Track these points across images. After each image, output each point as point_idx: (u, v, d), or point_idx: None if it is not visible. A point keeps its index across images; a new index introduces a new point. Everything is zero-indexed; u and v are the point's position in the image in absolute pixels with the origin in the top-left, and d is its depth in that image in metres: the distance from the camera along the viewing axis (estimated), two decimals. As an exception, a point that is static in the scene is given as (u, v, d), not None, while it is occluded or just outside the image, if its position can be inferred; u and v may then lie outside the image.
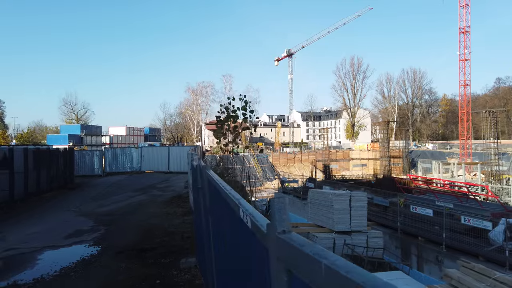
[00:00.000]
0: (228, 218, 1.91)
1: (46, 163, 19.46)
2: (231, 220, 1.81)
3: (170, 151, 31.36)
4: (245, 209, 1.46)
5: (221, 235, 2.47)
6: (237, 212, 1.57)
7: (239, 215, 1.53)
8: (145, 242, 10.03)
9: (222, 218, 2.30)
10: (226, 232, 2.10)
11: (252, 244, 1.39)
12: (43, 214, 14.21)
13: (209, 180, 3.11)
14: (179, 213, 14.10)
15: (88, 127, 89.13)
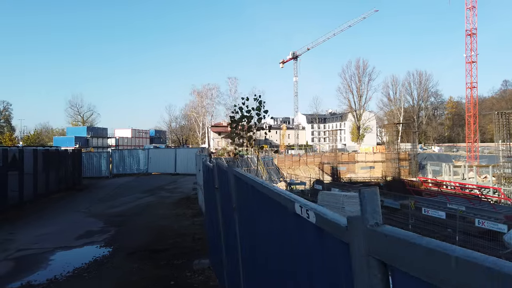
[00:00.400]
0: (272, 215, 1.82)
1: (55, 164, 19.50)
2: (278, 217, 1.72)
3: (177, 153, 31.37)
4: (303, 204, 1.38)
5: (256, 235, 2.37)
6: (290, 208, 1.49)
7: (294, 210, 1.45)
8: (157, 243, 9.96)
9: (260, 215, 2.21)
10: (267, 231, 2.01)
11: (316, 240, 1.30)
12: (53, 215, 14.21)
13: (238, 178, 3.02)
14: (188, 214, 14.04)
15: (94, 129, 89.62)
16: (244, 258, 3.00)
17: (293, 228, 1.51)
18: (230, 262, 4.37)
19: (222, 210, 5.25)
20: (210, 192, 6.87)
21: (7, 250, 9.28)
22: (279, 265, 1.79)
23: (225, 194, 4.42)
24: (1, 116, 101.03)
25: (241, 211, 3.08)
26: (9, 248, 9.50)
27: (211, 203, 6.97)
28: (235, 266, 3.75)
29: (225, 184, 4.23)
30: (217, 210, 5.70)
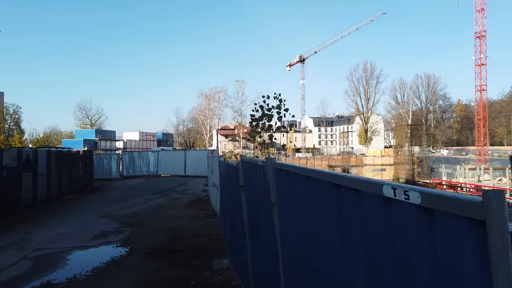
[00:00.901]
0: (340, 204, 1.72)
1: (67, 165, 19.57)
2: (351, 205, 1.63)
3: (186, 155, 31.38)
4: (397, 186, 1.29)
5: (310, 229, 2.27)
6: (374, 192, 1.39)
7: (381, 194, 1.36)
8: (173, 243, 9.90)
9: (316, 207, 2.11)
10: (330, 223, 1.90)
11: (422, 223, 1.21)
12: (66, 216, 14.23)
13: (281, 170, 2.93)
14: (201, 215, 13.97)
15: (103, 132, 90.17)
16: (289, 257, 2.89)
17: (381, 213, 1.41)
18: (261, 261, 4.27)
19: (249, 208, 5.16)
20: (232, 191, 6.79)
21: (25, 250, 9.27)
22: (352, 257, 1.69)
23: (256, 191, 4.33)
24: (11, 119, 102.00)
25: (283, 206, 2.98)
26: (26, 247, 9.49)
27: (233, 202, 6.89)
28: (270, 266, 3.64)
29: (257, 180, 4.15)
30: (242, 209, 5.62)
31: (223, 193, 9.54)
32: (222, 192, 9.86)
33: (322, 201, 2.02)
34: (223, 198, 9.73)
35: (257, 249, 4.56)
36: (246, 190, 5.25)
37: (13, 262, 8.31)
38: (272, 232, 3.34)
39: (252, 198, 4.70)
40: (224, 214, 9.54)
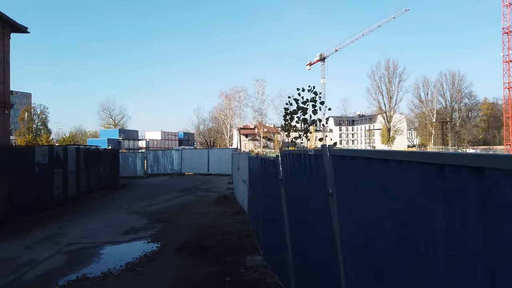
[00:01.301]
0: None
1: (95, 163, 19.92)
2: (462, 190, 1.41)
3: (210, 154, 31.50)
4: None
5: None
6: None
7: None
8: (203, 240, 9.83)
9: (404, 197, 1.90)
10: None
11: None
12: (96, 212, 14.43)
13: (345, 157, 2.74)
14: (228, 212, 13.89)
15: (126, 132, 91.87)
16: (357, 254, 2.68)
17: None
18: (310, 257, 4.08)
19: (290, 202, 4.99)
20: (268, 186, 6.63)
21: (59, 244, 9.40)
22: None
23: (302, 183, 4.14)
24: (38, 119, 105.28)
25: (345, 197, 2.78)
26: (60, 242, 9.62)
27: (268, 197, 6.72)
28: (323, 263, 3.45)
29: (304, 171, 3.96)
30: (281, 204, 5.44)
31: (254, 189, 9.41)
32: (252, 188, 9.73)
33: (407, 188, 1.82)
34: (253, 194, 9.60)
35: (302, 245, 4.37)
36: (287, 183, 5.07)
37: (48, 256, 8.42)
38: (328, 225, 3.15)
39: (296, 191, 4.52)
40: (254, 211, 9.41)
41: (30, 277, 7.16)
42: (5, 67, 22.77)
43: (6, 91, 22.87)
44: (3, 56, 22.49)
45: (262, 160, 7.07)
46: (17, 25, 23.06)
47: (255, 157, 8.35)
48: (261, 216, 7.64)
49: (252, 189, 9.77)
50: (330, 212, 3.04)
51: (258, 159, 7.56)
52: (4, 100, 22.54)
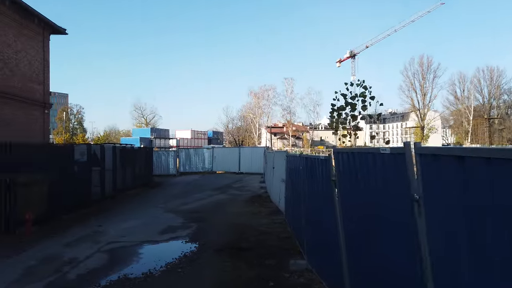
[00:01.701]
0: None
1: (130, 161, 20.16)
2: None
3: (241, 152, 31.36)
4: None
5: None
6: None
7: None
8: (241, 241, 9.57)
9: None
10: None
11: None
12: (133, 210, 14.52)
13: (459, 158, 2.32)
14: (264, 212, 13.58)
15: (157, 131, 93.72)
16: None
17: None
18: (371, 270, 3.66)
19: (346, 205, 4.58)
20: (315, 187, 6.23)
21: (99, 243, 9.41)
22: None
23: (367, 185, 3.73)
24: (75, 119, 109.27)
25: (442, 204, 2.35)
26: (100, 240, 9.64)
27: (315, 199, 6.33)
28: (400, 276, 3.04)
29: (370, 172, 3.55)
30: (333, 206, 5.04)
31: (294, 189, 9.03)
32: (292, 188, 9.36)
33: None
34: (293, 194, 9.22)
35: (365, 253, 3.96)
36: (342, 184, 4.67)
37: (89, 255, 8.41)
38: (409, 233, 2.74)
39: (356, 193, 4.11)
40: (294, 212, 9.03)
41: (72, 276, 7.13)
42: (45, 68, 23.52)
43: (46, 92, 23.62)
44: (43, 57, 23.24)
45: (308, 160, 6.69)
46: (56, 27, 23.76)
47: (298, 156, 7.97)
48: (305, 217, 7.26)
49: (292, 189, 9.40)
50: (416, 220, 2.63)
51: (302, 158, 7.18)
52: (44, 100, 23.29)
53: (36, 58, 22.52)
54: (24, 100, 21.05)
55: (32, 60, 22.08)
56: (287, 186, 11.00)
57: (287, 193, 11.08)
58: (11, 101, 20.06)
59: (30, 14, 21.07)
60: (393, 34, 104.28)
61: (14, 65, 20.37)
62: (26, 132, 21.45)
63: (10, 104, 20.04)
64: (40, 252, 8.56)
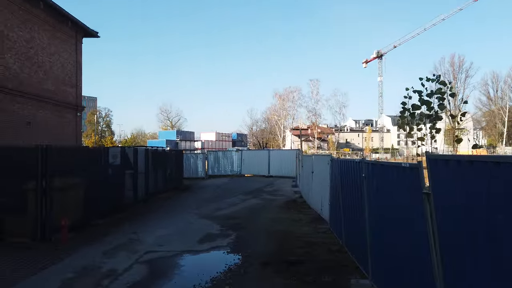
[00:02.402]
0: None
1: (161, 164, 19.82)
2: None
3: (270, 155, 30.64)
4: None
5: None
6: None
7: None
8: (287, 252, 8.83)
9: None
10: None
11: None
12: (167, 215, 14.05)
13: None
14: (304, 220, 12.79)
15: (183, 133, 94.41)
16: None
17: None
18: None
19: (452, 227, 3.74)
20: (389, 200, 5.41)
21: (137, 252, 8.89)
22: None
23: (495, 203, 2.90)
24: (103, 122, 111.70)
25: None
26: (138, 249, 9.13)
27: (388, 212, 5.50)
28: None
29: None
30: (424, 226, 4.20)
31: (345, 198, 8.21)
32: (341, 197, 8.53)
33: None
34: (345, 203, 8.40)
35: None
36: (443, 199, 3.83)
37: (127, 266, 7.88)
38: None
39: (470, 212, 3.28)
40: (348, 223, 8.20)
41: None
42: (77, 71, 23.63)
43: (78, 95, 23.72)
44: (75, 60, 23.34)
45: (377, 167, 5.87)
46: (89, 30, 23.84)
47: (356, 161, 7.14)
48: (370, 232, 6.41)
49: (343, 198, 8.57)
50: None
51: (366, 164, 6.36)
52: (76, 103, 23.38)
53: (69, 61, 22.63)
54: (57, 103, 21.14)
55: (65, 63, 22.19)
56: (334, 193, 10.19)
57: (333, 201, 10.26)
58: (45, 104, 20.15)
59: (63, 17, 21.17)
60: (422, 33, 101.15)
61: (48, 68, 20.47)
62: (59, 135, 21.54)
63: (44, 107, 20.13)
64: (76, 262, 8.11)
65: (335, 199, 9.90)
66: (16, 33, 17.80)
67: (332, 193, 10.45)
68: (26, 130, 18.51)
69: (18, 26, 17.94)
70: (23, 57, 18.30)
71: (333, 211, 10.43)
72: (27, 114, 18.69)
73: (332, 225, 10.67)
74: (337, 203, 9.49)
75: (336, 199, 9.77)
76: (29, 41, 18.78)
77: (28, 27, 18.77)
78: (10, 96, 17.22)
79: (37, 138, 19.40)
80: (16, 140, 17.80)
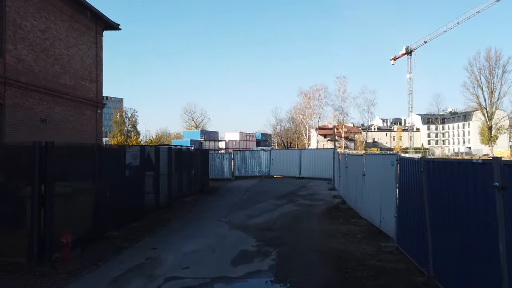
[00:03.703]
0: None
1: (186, 165, 17.94)
2: None
3: (302, 155, 28.29)
4: None
5: None
6: None
7: None
8: (353, 285, 6.60)
9: None
10: None
11: None
12: (193, 225, 12.05)
13: None
14: (358, 233, 10.48)
15: (207, 133, 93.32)
16: None
17: None
18: None
19: None
20: None
21: (154, 279, 6.87)
22: None
23: None
24: (129, 122, 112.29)
25: None
26: (155, 274, 7.12)
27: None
28: None
29: None
30: None
31: (436, 213, 5.86)
32: (427, 210, 6.18)
33: None
34: (431, 219, 6.07)
35: None
36: None
37: (142, 301, 5.88)
38: None
39: None
40: (447, 248, 5.83)
41: None
42: (97, 65, 22.12)
43: (98, 90, 22.21)
44: (95, 54, 21.85)
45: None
46: (109, 22, 22.31)
47: (471, 163, 4.83)
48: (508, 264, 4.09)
49: (432, 212, 6.22)
50: None
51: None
52: (97, 99, 21.88)
53: (88, 55, 21.14)
54: (76, 99, 19.65)
55: (84, 56, 20.70)
56: (407, 204, 7.86)
57: (406, 214, 7.92)
58: (62, 100, 18.66)
59: (82, 7, 19.64)
60: (455, 27, 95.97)
61: (66, 61, 18.98)
62: (78, 133, 20.05)
63: (61, 103, 18.64)
64: (77, 293, 6.19)
65: (411, 212, 7.56)
66: (30, 22, 16.32)
67: (404, 204, 8.12)
68: (42, 127, 17.03)
69: (32, 15, 16.46)
70: (38, 49, 16.81)
71: (404, 226, 8.09)
72: (43, 111, 17.21)
73: (402, 243, 8.33)
74: (416, 217, 7.16)
75: (413, 212, 7.44)
76: (45, 32, 17.29)
77: (44, 16, 17.29)
78: (23, 91, 15.73)
79: (54, 136, 17.87)
80: (30, 138, 16.39)
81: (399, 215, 8.43)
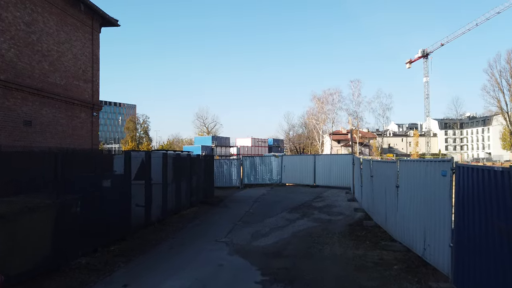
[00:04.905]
0: None
1: (185, 172, 15.81)
2: None
3: (316, 161, 25.89)
4: None
5: None
6: None
7: None
8: None
9: None
10: None
11: None
12: (185, 248, 9.85)
13: None
14: (393, 263, 8.13)
15: (218, 139, 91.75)
16: None
17: None
18: None
19: None
20: None
21: None
22: None
23: None
24: (141, 128, 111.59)
25: None
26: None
27: None
28: None
29: None
30: None
31: None
32: None
33: None
34: None
35: None
36: None
37: None
38: None
39: None
40: None
41: None
42: (94, 64, 20.30)
43: (94, 91, 20.36)
44: (91, 51, 20.04)
45: None
46: (107, 17, 20.50)
47: None
48: None
49: None
50: None
51: None
52: (92, 101, 20.03)
53: (83, 52, 19.30)
54: (67, 100, 17.77)
55: (78, 54, 18.87)
56: (479, 231, 5.53)
57: (465, 245, 5.60)
58: (52, 101, 16.78)
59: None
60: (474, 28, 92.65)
61: (56, 58, 17.14)
62: (70, 137, 18.16)
63: (50, 104, 16.76)
64: None
65: (485, 243, 5.24)
66: (12, 13, 14.52)
67: (468, 230, 5.78)
68: (25, 130, 15.18)
69: (15, 5, 14.68)
70: (22, 43, 14.99)
71: (470, 262, 5.75)
72: (27, 112, 15.36)
73: (463, 285, 5.96)
74: (497, 253, 4.84)
75: (487, 243, 5.12)
76: (30, 25, 15.49)
77: (29, 8, 15.49)
78: (1, 89, 13.92)
79: (41, 140, 16.04)
80: (11, 142, 14.56)
81: (459, 245, 6.09)
